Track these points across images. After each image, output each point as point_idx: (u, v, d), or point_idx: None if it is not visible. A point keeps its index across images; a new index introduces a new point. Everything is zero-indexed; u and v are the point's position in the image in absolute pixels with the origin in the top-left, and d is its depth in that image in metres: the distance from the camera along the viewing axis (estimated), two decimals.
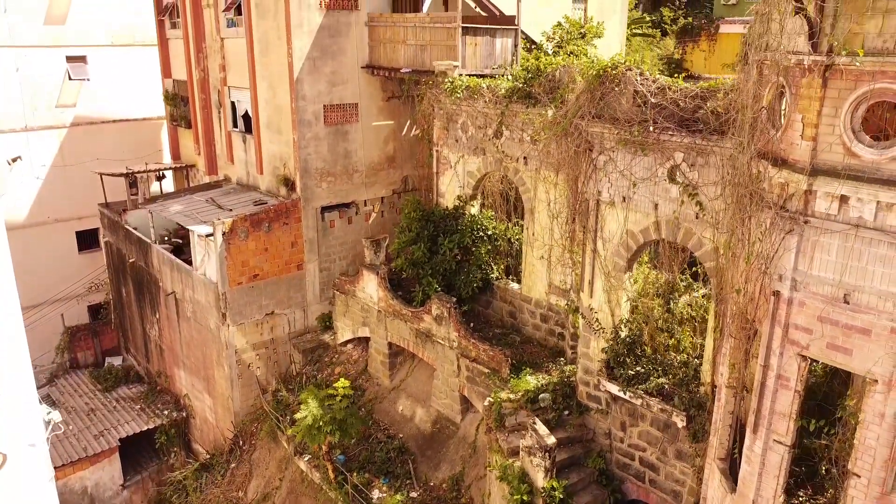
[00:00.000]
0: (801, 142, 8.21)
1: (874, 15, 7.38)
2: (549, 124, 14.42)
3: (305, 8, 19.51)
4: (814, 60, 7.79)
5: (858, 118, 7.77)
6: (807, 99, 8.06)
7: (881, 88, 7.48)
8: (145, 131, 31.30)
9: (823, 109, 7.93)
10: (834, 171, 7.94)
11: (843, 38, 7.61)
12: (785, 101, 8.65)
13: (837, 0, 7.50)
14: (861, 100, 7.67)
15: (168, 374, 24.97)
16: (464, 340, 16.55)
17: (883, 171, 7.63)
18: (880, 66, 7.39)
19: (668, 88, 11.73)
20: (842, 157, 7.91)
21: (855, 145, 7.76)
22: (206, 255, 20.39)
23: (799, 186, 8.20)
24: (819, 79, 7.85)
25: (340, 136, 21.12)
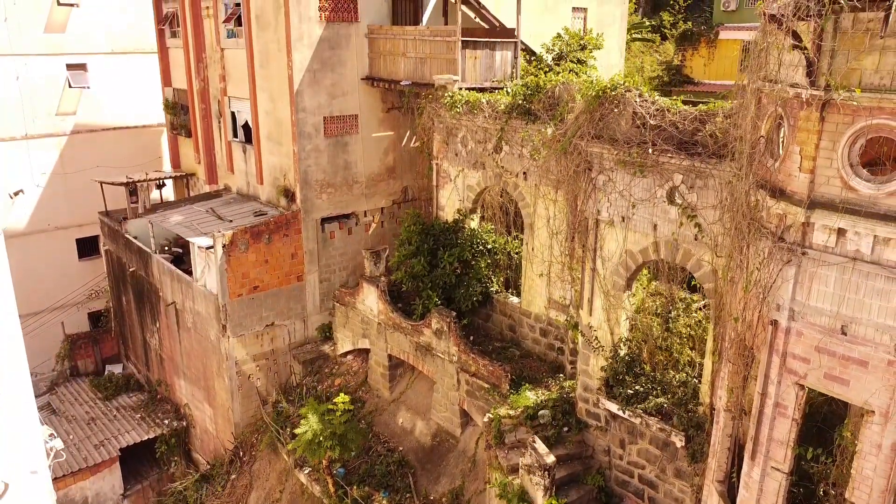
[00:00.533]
0: (798, 174, 8.27)
1: (871, 52, 7.43)
2: (548, 142, 14.47)
3: (305, 21, 19.54)
4: (812, 95, 7.84)
5: (856, 152, 7.82)
6: (805, 132, 8.12)
7: (878, 124, 7.54)
8: (145, 138, 31.36)
9: (821, 143, 7.99)
10: (832, 205, 7.99)
11: (840, 74, 7.65)
12: (783, 131, 8.70)
13: (835, 37, 7.54)
14: (858, 135, 7.73)
15: (168, 382, 25.03)
16: (463, 355, 16.60)
17: (880, 205, 7.68)
18: (877, 102, 7.44)
19: (667, 110, 11.77)
20: (839, 191, 7.96)
21: (852, 179, 7.81)
22: (206, 266, 20.44)
23: (797, 218, 8.26)
24: (817, 113, 7.91)
25: (340, 147, 21.16)
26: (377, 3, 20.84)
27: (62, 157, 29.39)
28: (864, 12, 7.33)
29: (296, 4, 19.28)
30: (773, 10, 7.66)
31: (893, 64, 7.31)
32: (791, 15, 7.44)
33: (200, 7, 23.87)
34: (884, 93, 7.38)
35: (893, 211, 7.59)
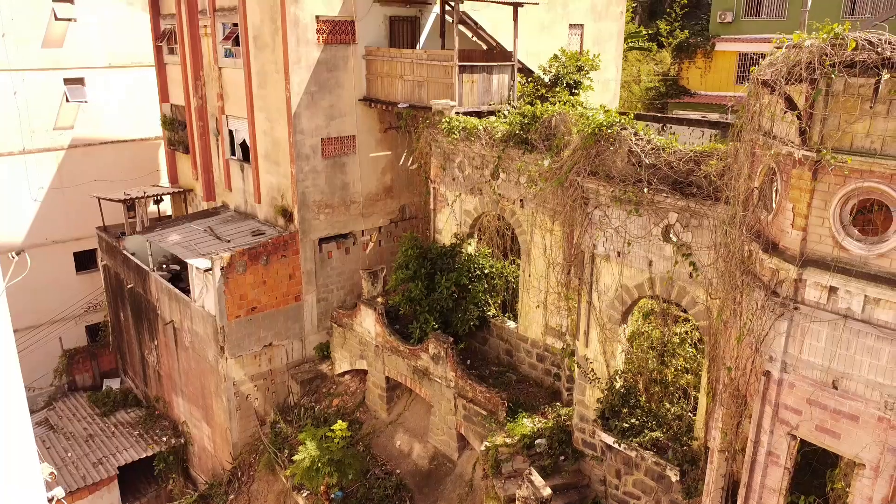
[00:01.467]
0: (791, 230, 8.38)
1: (862, 116, 7.53)
2: (545, 174, 14.57)
3: (303, 44, 19.61)
4: (804, 156, 7.94)
5: (848, 212, 7.93)
6: (797, 190, 8.22)
7: (869, 187, 7.65)
8: (143, 151, 31.40)
9: (813, 202, 8.09)
10: (823, 263, 8.10)
11: (832, 137, 7.76)
12: (776, 185, 8.80)
13: (827, 101, 7.64)
14: (850, 196, 7.84)
15: (166, 399, 25.10)
16: (460, 381, 16.71)
17: (871, 266, 7.80)
18: (868, 166, 7.55)
19: (662, 150, 11.87)
20: (831, 250, 8.08)
21: (844, 240, 7.92)
22: (204, 287, 20.51)
23: (789, 274, 8.37)
24: (809, 173, 8.01)
25: (338, 167, 21.23)
26: (375, 25, 20.92)
27: (60, 172, 29.42)
28: (855, 78, 7.43)
29: (293, 28, 19.34)
30: (765, 76, 7.77)
31: (884, 129, 7.42)
32: (783, 81, 7.53)
33: (198, 26, 23.93)
34: (875, 157, 7.49)
35: (884, 272, 7.70)
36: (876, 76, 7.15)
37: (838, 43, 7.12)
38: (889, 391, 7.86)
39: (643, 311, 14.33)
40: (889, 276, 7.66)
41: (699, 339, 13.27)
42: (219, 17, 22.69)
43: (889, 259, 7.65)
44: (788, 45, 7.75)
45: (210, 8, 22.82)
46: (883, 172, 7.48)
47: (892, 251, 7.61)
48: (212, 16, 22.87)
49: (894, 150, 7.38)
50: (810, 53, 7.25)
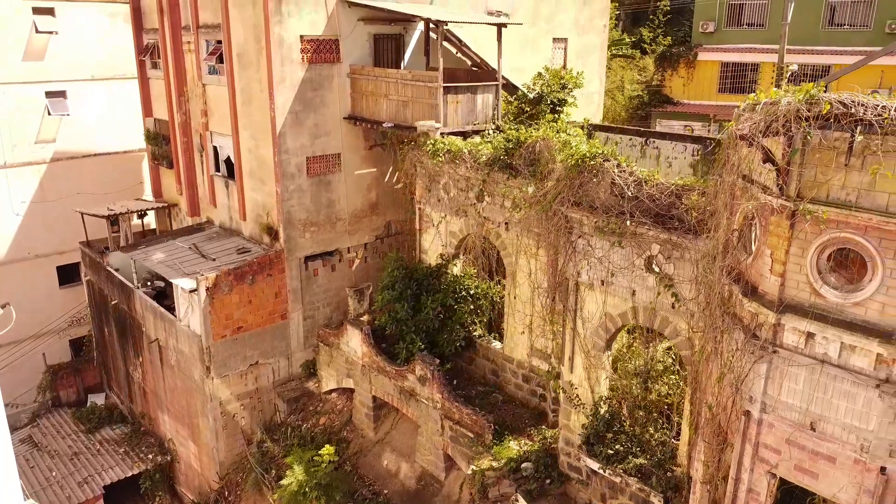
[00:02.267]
0: (770, 275, 8.54)
1: (838, 169, 7.70)
2: (529, 201, 14.69)
3: (288, 63, 19.59)
4: (781, 205, 8.11)
5: (825, 260, 8.10)
6: (775, 237, 8.39)
7: (845, 237, 7.82)
8: (126, 164, 31.19)
9: (791, 249, 8.26)
10: (801, 309, 8.28)
11: (809, 187, 7.93)
12: (755, 229, 8.97)
13: (804, 152, 7.81)
14: (827, 245, 8.01)
15: (152, 416, 25.00)
16: (447, 403, 16.81)
17: (847, 314, 7.98)
18: (844, 217, 7.72)
19: (644, 182, 12.02)
20: (808, 296, 8.25)
21: (821, 287, 8.10)
22: (189, 307, 20.45)
23: (768, 319, 8.53)
24: (787, 221, 8.18)
25: (323, 185, 21.24)
26: (359, 43, 20.95)
27: (42, 186, 29.18)
28: (831, 131, 7.59)
29: (277, 48, 19.32)
30: (743, 130, 7.92)
31: (859, 182, 7.59)
32: (761, 134, 7.68)
33: (181, 41, 23.82)
34: (850, 209, 7.66)
35: (860, 320, 7.88)
36: (851, 131, 7.31)
37: (813, 104, 7.27)
38: (864, 435, 8.05)
39: (626, 338, 14.51)
40: (864, 324, 7.85)
41: (681, 365, 13.45)
42: (202, 34, 22.61)
43: (864, 308, 7.83)
44: (766, 101, 7.90)
45: (193, 24, 22.73)
46: (858, 224, 7.66)
47: (867, 300, 7.78)
48: (195, 32, 22.79)
49: (869, 203, 7.56)
50: (787, 112, 7.40)
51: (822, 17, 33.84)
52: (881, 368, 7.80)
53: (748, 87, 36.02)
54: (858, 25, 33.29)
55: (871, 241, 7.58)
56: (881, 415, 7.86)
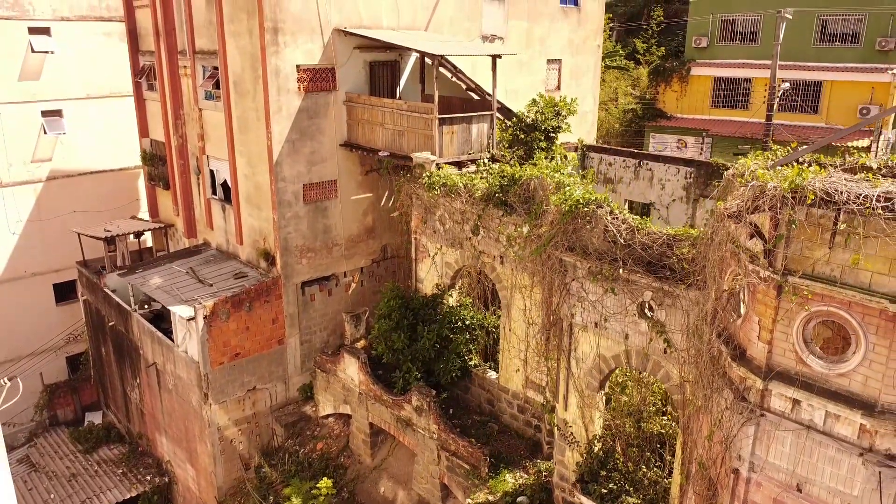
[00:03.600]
0: (757, 342, 8.79)
1: (823, 244, 7.95)
2: (523, 242, 14.90)
3: (284, 93, 19.75)
4: (768, 276, 8.35)
5: (810, 331, 8.35)
6: (762, 305, 8.63)
7: (829, 311, 8.07)
8: (122, 181, 31.36)
9: (778, 317, 8.51)
10: (788, 376, 8.53)
11: (795, 261, 8.17)
12: (744, 293, 9.21)
13: (789, 229, 8.04)
14: (812, 316, 8.25)
15: (150, 437, 25.16)
16: (443, 433, 17.04)
17: (831, 383, 8.23)
18: (829, 292, 7.97)
19: (636, 230, 12.25)
20: (794, 364, 8.50)
21: (806, 356, 8.35)
22: (187, 333, 20.61)
23: (756, 384, 8.78)
24: (773, 292, 8.42)
25: (320, 212, 21.42)
26: (355, 71, 21.12)
27: (38, 204, 29.30)
28: (816, 209, 7.84)
29: (274, 78, 19.48)
30: (732, 209, 8.16)
31: (843, 259, 7.84)
32: (748, 212, 7.92)
33: (177, 65, 23.95)
34: (834, 284, 7.91)
35: (844, 390, 8.14)
36: (835, 213, 7.55)
37: (798, 192, 7.52)
38: (849, 500, 8.31)
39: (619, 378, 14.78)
40: (848, 394, 8.10)
41: (673, 406, 13.70)
42: (199, 60, 22.74)
43: (848, 379, 8.09)
44: (753, 184, 8.14)
45: (190, 50, 22.86)
46: (842, 299, 7.91)
47: (850, 372, 8.04)
48: (192, 57, 22.91)
49: (853, 280, 7.81)
50: (772, 197, 7.64)
51: (813, 34, 34.16)
52: (864, 437, 8.06)
53: (741, 102, 36.35)
54: (850, 42, 33.62)
55: (855, 316, 7.84)
56: (864, 482, 8.12)
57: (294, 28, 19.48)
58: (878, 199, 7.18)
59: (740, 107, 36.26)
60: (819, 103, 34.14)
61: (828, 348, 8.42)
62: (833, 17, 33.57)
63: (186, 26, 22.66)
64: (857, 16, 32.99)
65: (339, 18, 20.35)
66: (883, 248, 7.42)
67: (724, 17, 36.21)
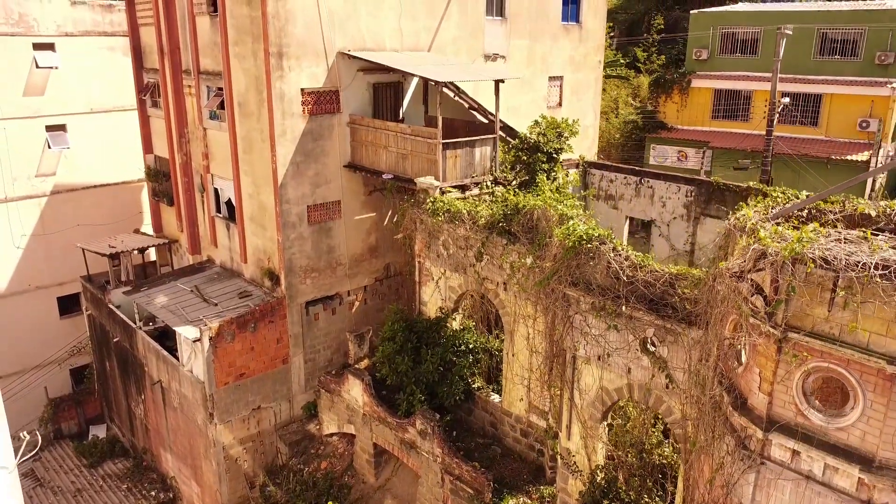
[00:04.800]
0: (758, 392, 8.99)
1: (822, 304, 8.15)
2: (527, 272, 15.09)
3: (289, 117, 19.92)
4: (769, 331, 8.55)
5: (810, 385, 8.55)
6: (763, 357, 8.83)
7: (829, 368, 8.27)
8: (126, 194, 31.54)
9: (778, 371, 8.71)
10: (788, 428, 8.73)
11: (795, 317, 8.36)
12: (745, 341, 9.40)
13: (790, 287, 8.24)
14: (812, 371, 8.45)
15: (154, 452, 25.37)
16: (447, 458, 17.24)
17: (831, 436, 8.44)
18: (828, 349, 8.17)
19: (638, 267, 12.44)
20: (794, 416, 8.70)
21: (806, 409, 8.55)
22: (192, 353, 20.81)
23: (756, 434, 8.98)
24: (774, 346, 8.62)
25: (324, 232, 21.60)
26: (359, 93, 21.30)
27: (42, 218, 29.49)
28: (816, 269, 8.03)
29: (279, 102, 19.65)
30: (734, 269, 8.36)
31: (842, 318, 8.04)
32: (750, 272, 8.12)
33: (182, 84, 24.12)
34: (834, 343, 8.10)
35: (843, 443, 8.34)
36: (835, 275, 7.75)
37: (798, 259, 7.72)
38: None
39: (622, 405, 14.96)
40: (847, 448, 8.31)
41: (675, 439, 13.90)
42: (203, 80, 22.91)
43: (847, 433, 8.29)
44: (754, 248, 8.34)
45: (194, 69, 23.03)
46: (841, 357, 8.11)
47: (849, 427, 8.24)
48: (196, 77, 23.08)
49: (852, 339, 8.00)
50: (773, 263, 7.84)
51: (813, 47, 34.34)
52: (863, 490, 8.27)
53: (741, 114, 36.53)
54: (849, 55, 33.80)
55: (853, 374, 8.04)
56: None
57: (299, 52, 19.65)
58: (876, 268, 7.38)
59: (741, 119, 36.45)
60: (819, 116, 34.33)
61: (827, 399, 8.63)
62: (833, 30, 33.76)
63: (191, 46, 22.83)
64: (856, 29, 33.17)
65: (343, 41, 20.52)
66: (880, 311, 7.62)
67: (725, 30, 36.38)
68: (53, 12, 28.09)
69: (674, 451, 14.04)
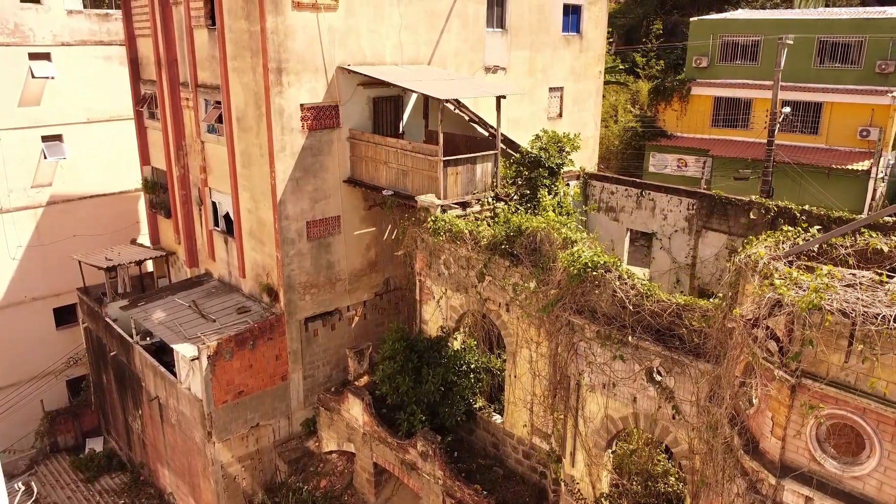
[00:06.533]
0: (770, 437, 8.82)
1: (838, 351, 7.97)
2: (530, 296, 14.90)
3: (288, 132, 19.70)
4: (782, 376, 8.37)
5: (824, 431, 8.38)
6: (776, 402, 8.66)
7: (844, 415, 8.10)
8: (123, 204, 31.29)
9: (791, 416, 8.53)
10: (801, 475, 8.56)
11: (810, 362, 8.19)
12: (756, 383, 9.23)
13: (804, 331, 8.06)
14: (827, 418, 8.28)
15: (152, 467, 25.15)
16: (449, 480, 17.06)
17: (845, 484, 8.27)
18: (843, 397, 8.00)
19: (644, 297, 12.26)
20: (808, 462, 8.53)
21: (820, 456, 8.38)
22: (190, 371, 20.59)
23: (768, 479, 8.82)
24: (787, 391, 8.45)
25: (323, 248, 21.39)
26: (359, 107, 21.08)
27: (38, 229, 29.21)
28: (832, 315, 7.86)
29: (278, 117, 19.42)
30: (749, 315, 8.18)
31: (858, 367, 7.87)
32: (764, 318, 7.94)
33: (179, 97, 23.87)
34: (848, 390, 7.94)
35: (857, 492, 8.18)
36: (852, 322, 7.58)
37: (815, 310, 7.55)
38: None
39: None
40: (862, 497, 8.14)
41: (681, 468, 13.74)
42: (201, 93, 22.67)
43: (862, 482, 8.12)
44: (769, 297, 8.17)
45: (192, 82, 22.79)
46: (857, 405, 7.94)
47: (865, 476, 8.07)
48: (194, 91, 22.84)
49: (867, 387, 7.83)
50: (790, 313, 7.67)
51: (813, 56, 34.20)
52: None
53: (741, 122, 36.38)
54: (850, 64, 33.67)
55: (870, 423, 7.88)
56: None
57: (298, 67, 19.42)
58: (895, 320, 7.22)
59: (741, 126, 36.32)
60: (819, 125, 34.22)
61: (841, 445, 8.46)
62: (833, 38, 33.61)
63: (189, 59, 22.59)
64: (857, 38, 33.04)
65: (342, 56, 20.29)
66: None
67: (724, 38, 36.23)
68: (49, 22, 27.80)
69: (679, 479, 13.88)
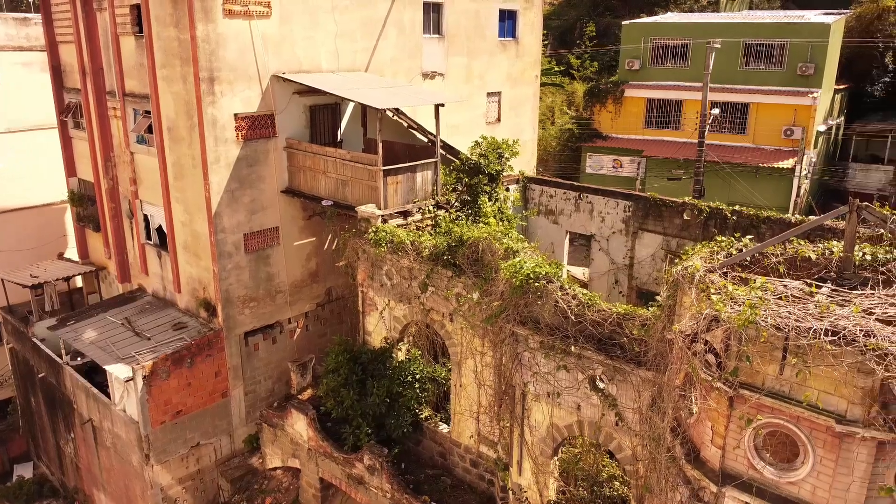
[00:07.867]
0: (711, 445, 9.02)
1: (773, 362, 8.21)
2: (473, 307, 14.90)
3: (222, 143, 19.16)
4: (720, 388, 8.57)
5: (761, 439, 8.62)
6: (715, 412, 8.87)
7: (779, 423, 8.35)
8: (48, 217, 29.93)
9: (730, 426, 8.75)
10: (741, 482, 8.78)
11: (746, 374, 8.41)
12: (696, 393, 9.44)
13: (740, 346, 8.28)
14: (763, 426, 8.52)
15: (87, 492, 24.14)
16: (397, 493, 16.92)
17: (782, 489, 8.53)
18: (778, 406, 8.24)
19: (586, 306, 12.40)
20: (746, 469, 8.76)
21: (758, 463, 8.62)
22: (125, 392, 19.82)
23: (710, 487, 9.02)
24: (726, 401, 8.66)
25: (262, 260, 20.92)
26: (295, 115, 20.69)
27: None
28: (766, 329, 8.08)
29: (211, 128, 18.87)
30: (686, 330, 8.35)
31: (792, 378, 8.11)
32: (702, 332, 8.12)
33: (106, 106, 22.96)
34: (783, 400, 8.18)
35: (794, 497, 8.44)
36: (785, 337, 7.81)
37: (750, 326, 7.75)
38: None
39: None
40: (797, 500, 8.41)
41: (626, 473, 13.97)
42: (129, 103, 21.85)
43: (798, 487, 8.39)
44: (707, 313, 8.35)
45: (119, 91, 21.94)
46: (791, 413, 8.19)
47: (800, 481, 8.34)
48: (121, 100, 22.00)
49: (800, 396, 8.09)
50: (727, 329, 7.85)
51: (740, 58, 35.40)
52: None
53: (672, 122, 37.37)
54: (774, 66, 34.99)
55: (803, 430, 8.14)
56: None
57: (231, 76, 18.91)
58: (826, 333, 7.48)
59: (672, 127, 37.33)
60: (746, 125, 35.48)
61: (778, 452, 8.72)
62: (758, 41, 34.88)
63: (115, 67, 21.74)
64: (779, 41, 34.37)
65: (277, 64, 19.87)
66: (829, 371, 7.72)
67: (655, 41, 37.15)
68: None
69: (624, 483, 14.11)
